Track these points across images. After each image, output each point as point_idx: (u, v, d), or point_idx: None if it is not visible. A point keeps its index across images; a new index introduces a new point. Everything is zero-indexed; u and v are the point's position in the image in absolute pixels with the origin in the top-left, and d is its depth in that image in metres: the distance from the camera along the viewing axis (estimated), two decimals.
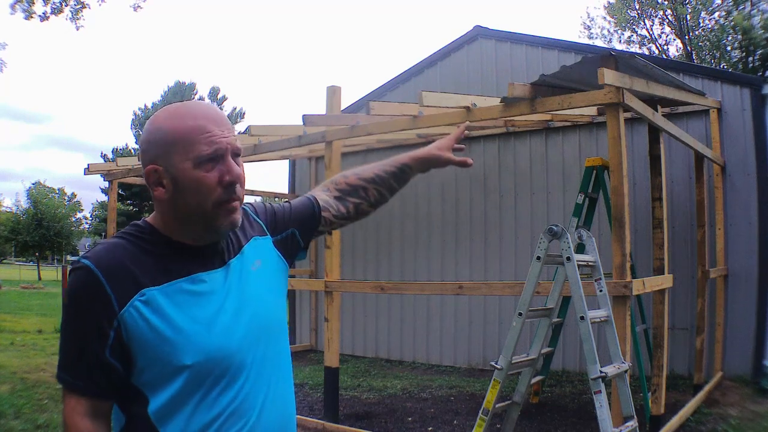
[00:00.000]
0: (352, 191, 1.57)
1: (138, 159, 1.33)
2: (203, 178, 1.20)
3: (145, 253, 1.22)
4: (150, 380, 1.18)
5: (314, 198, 1.54)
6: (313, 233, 1.54)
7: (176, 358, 1.17)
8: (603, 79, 3.70)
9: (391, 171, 1.59)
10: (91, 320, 1.16)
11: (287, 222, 1.49)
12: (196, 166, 1.20)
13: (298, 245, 1.52)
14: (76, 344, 1.18)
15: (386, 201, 1.62)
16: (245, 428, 1.22)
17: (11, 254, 52.50)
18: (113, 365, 1.17)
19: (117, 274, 1.17)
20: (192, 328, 1.19)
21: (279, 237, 1.46)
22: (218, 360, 1.20)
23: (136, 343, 1.17)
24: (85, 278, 1.16)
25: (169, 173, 1.21)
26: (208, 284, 1.25)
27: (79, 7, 11.49)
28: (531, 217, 7.40)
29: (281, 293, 1.43)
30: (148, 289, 1.18)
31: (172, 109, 1.26)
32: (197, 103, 1.29)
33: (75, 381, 1.18)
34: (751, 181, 6.20)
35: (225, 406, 1.20)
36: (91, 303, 1.16)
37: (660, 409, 4.45)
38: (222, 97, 49.71)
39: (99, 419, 1.19)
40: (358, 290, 7.14)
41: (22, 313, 15.20)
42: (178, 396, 1.17)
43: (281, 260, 1.45)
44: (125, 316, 1.16)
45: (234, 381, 1.22)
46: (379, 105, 5.11)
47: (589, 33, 25.93)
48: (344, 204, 1.56)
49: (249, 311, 1.28)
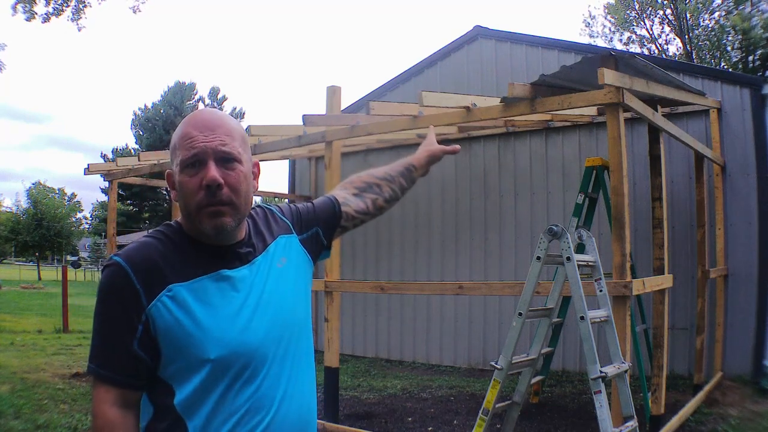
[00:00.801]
0: (368, 188, 1.67)
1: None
2: (186, 183, 1.27)
3: (173, 251, 1.28)
4: (175, 373, 1.24)
5: (333, 197, 1.63)
6: (335, 230, 1.62)
7: (200, 351, 1.22)
8: (603, 79, 3.70)
9: (400, 170, 1.73)
10: (121, 314, 1.22)
11: (311, 221, 1.55)
12: (181, 171, 1.28)
13: (322, 244, 1.58)
14: (107, 337, 1.24)
15: (398, 198, 1.73)
16: (264, 421, 1.26)
17: (11, 254, 52.48)
18: (141, 357, 1.23)
19: (145, 270, 1.23)
20: (215, 323, 1.24)
21: (304, 236, 1.52)
22: (240, 354, 1.25)
23: (163, 337, 1.23)
24: (116, 274, 1.23)
25: (174, 177, 1.31)
26: (233, 281, 1.30)
27: (82, 6, 11.48)
28: (531, 217, 7.40)
29: (306, 291, 1.47)
30: (175, 285, 1.24)
31: (186, 116, 1.36)
32: (200, 111, 1.35)
33: (105, 372, 1.22)
34: (751, 181, 6.20)
35: (246, 399, 1.25)
36: (121, 297, 1.22)
37: (660, 409, 4.45)
38: (222, 97, 49.70)
39: (127, 409, 1.23)
40: (358, 290, 7.13)
41: (22, 313, 15.21)
42: (201, 388, 1.23)
43: (307, 258, 1.51)
44: (152, 310, 1.22)
45: (255, 375, 1.27)
46: (379, 105, 5.11)
47: (590, 31, 25.94)
48: (362, 200, 1.65)
49: (272, 308, 1.33)
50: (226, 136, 1.28)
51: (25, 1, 11.11)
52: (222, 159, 1.27)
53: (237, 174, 1.29)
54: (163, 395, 1.25)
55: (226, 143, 1.28)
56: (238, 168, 1.29)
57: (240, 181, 1.29)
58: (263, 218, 1.48)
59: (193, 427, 1.23)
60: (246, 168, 1.32)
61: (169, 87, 47.33)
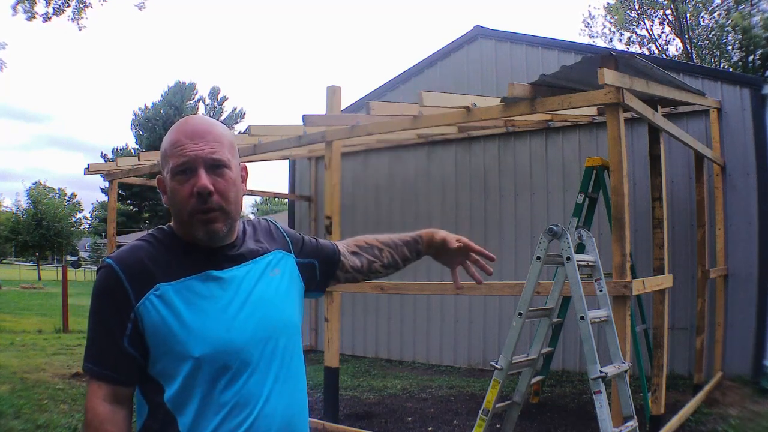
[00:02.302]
0: (368, 249, 1.69)
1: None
2: (177, 190, 1.31)
3: (162, 252, 1.33)
4: (163, 370, 1.28)
5: (336, 245, 1.67)
6: (331, 276, 1.64)
7: (185, 349, 1.26)
8: (603, 79, 3.70)
9: (405, 239, 1.73)
10: (112, 312, 1.27)
11: (311, 252, 1.58)
12: (172, 178, 1.32)
13: (315, 279, 1.60)
14: (99, 334, 1.29)
15: (398, 266, 1.72)
16: (251, 416, 1.30)
17: (11, 254, 52.49)
18: (132, 354, 1.27)
19: (135, 270, 1.28)
20: (200, 322, 1.28)
21: (302, 261, 1.55)
22: (224, 352, 1.28)
23: (150, 334, 1.27)
24: (107, 275, 1.29)
25: (165, 182, 1.36)
26: (220, 281, 1.33)
27: (83, 6, 11.47)
28: (531, 217, 7.39)
29: (296, 303, 1.49)
30: (162, 284, 1.28)
31: (176, 122, 1.38)
32: (189, 118, 1.39)
33: (97, 368, 1.27)
34: (751, 181, 6.20)
35: (232, 395, 1.29)
36: (112, 297, 1.27)
37: (660, 409, 4.45)
38: (222, 98, 49.71)
39: (118, 404, 1.27)
40: (358, 290, 7.12)
41: (22, 313, 15.21)
42: (187, 385, 1.27)
43: (300, 280, 1.53)
44: (141, 308, 1.27)
45: (241, 372, 1.30)
46: (379, 105, 5.11)
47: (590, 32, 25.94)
48: (359, 258, 1.67)
49: (261, 309, 1.36)
50: (216, 143, 1.32)
51: (25, 0, 11.10)
52: (212, 166, 1.31)
53: (227, 180, 1.33)
54: (154, 392, 1.29)
55: (215, 150, 1.32)
56: (228, 174, 1.34)
57: (229, 187, 1.34)
58: (265, 229, 1.53)
59: (182, 423, 1.27)
60: (235, 173, 1.37)
61: (170, 87, 47.37)
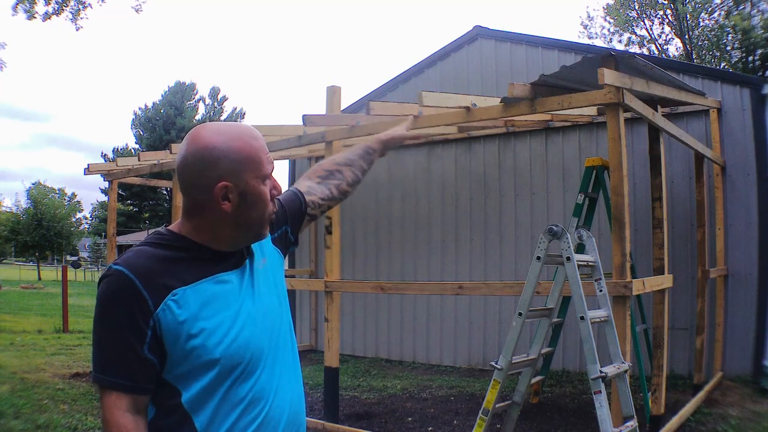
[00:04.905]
0: (330, 175, 1.79)
1: (176, 174, 1.41)
2: (266, 193, 1.38)
3: (170, 256, 1.32)
4: (182, 373, 1.29)
5: (297, 189, 1.73)
6: (303, 222, 1.71)
7: (206, 351, 1.28)
8: (603, 79, 3.70)
9: (360, 153, 1.87)
10: (130, 321, 1.24)
11: (280, 221, 1.62)
12: (263, 183, 1.37)
13: (290, 241, 1.68)
14: (116, 344, 1.25)
15: (360, 181, 1.86)
16: (264, 410, 1.35)
17: (11, 254, 52.48)
18: (151, 361, 1.26)
19: (149, 276, 1.26)
20: (219, 324, 1.31)
21: (275, 235, 1.60)
22: (243, 351, 1.33)
23: (170, 339, 1.27)
24: (121, 283, 1.25)
25: (239, 189, 1.33)
26: (230, 284, 1.37)
27: (81, 7, 11.47)
28: (531, 217, 7.39)
29: (284, 287, 1.57)
30: (179, 289, 1.28)
31: (225, 129, 1.36)
32: (245, 126, 1.44)
33: (115, 379, 1.24)
34: (751, 181, 6.20)
35: (247, 390, 1.33)
36: (129, 305, 1.24)
37: (660, 409, 4.45)
38: (222, 97, 49.69)
39: (139, 414, 1.27)
40: (358, 290, 7.14)
41: (22, 313, 15.20)
42: (209, 386, 1.29)
43: (279, 254, 1.60)
44: (160, 314, 1.26)
45: (254, 369, 1.35)
46: (379, 105, 5.12)
47: (588, 33, 25.94)
48: (327, 187, 1.77)
49: (263, 307, 1.42)
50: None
51: (25, 1, 11.11)
52: None
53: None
54: (167, 397, 1.29)
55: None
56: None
57: None
58: None
59: (199, 422, 1.28)
60: None
61: (170, 87, 47.40)
